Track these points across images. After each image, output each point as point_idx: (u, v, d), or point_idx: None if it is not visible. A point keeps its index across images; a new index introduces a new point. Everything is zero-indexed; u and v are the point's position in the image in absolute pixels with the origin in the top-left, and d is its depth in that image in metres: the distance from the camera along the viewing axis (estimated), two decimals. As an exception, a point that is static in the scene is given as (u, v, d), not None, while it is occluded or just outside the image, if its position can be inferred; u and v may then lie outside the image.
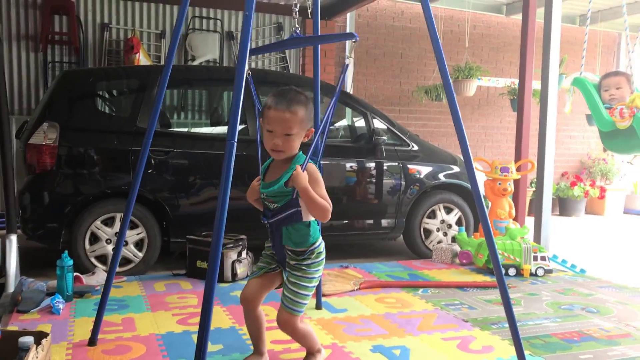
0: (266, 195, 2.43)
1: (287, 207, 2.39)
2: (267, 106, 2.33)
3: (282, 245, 2.45)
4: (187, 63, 7.12)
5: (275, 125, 2.31)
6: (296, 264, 2.44)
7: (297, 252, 2.44)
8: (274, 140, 2.32)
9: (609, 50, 9.87)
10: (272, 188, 2.40)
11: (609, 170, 9.58)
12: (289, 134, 2.32)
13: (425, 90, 7.95)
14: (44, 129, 4.29)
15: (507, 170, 5.22)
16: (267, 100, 2.36)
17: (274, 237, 2.47)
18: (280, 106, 2.31)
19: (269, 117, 2.32)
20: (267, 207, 2.46)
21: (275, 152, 2.36)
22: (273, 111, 2.31)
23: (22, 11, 6.59)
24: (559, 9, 5.22)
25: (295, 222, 2.40)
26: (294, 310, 2.44)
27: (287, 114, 2.30)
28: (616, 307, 3.73)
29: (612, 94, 3.43)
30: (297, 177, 2.31)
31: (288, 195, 2.38)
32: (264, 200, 2.47)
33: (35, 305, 3.42)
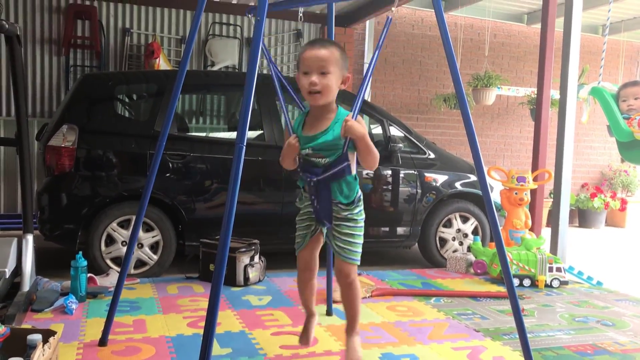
0: (312, 150, 2.36)
1: (339, 161, 2.35)
2: (302, 50, 2.34)
3: (331, 200, 2.41)
4: (206, 68, 7.18)
5: (311, 63, 2.28)
6: (348, 214, 2.44)
7: (348, 204, 2.44)
8: (310, 78, 2.27)
9: (631, 60, 9.76)
10: (322, 139, 2.34)
11: (631, 182, 9.44)
12: (325, 72, 2.28)
13: (444, 98, 7.92)
14: (63, 131, 4.35)
15: (524, 179, 5.17)
16: (302, 47, 2.38)
17: (320, 194, 2.40)
18: (316, 45, 2.31)
19: (305, 57, 2.29)
20: (313, 163, 2.38)
21: (312, 94, 2.30)
22: (308, 51, 2.29)
23: (46, 15, 6.72)
24: (579, 19, 5.18)
25: (346, 175, 2.39)
26: (354, 260, 2.46)
27: (322, 51, 2.28)
28: (632, 321, 3.67)
29: (630, 104, 3.38)
30: (354, 126, 2.27)
31: (339, 148, 2.34)
32: (307, 157, 2.38)
33: (49, 305, 3.46)
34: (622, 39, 9.02)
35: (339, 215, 2.45)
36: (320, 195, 2.41)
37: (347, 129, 2.29)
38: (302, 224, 2.57)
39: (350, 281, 2.50)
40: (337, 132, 2.34)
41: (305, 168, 2.42)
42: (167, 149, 4.25)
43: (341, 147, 2.35)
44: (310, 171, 2.40)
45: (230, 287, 4.19)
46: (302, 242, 2.58)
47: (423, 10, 8.40)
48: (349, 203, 2.44)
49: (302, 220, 2.57)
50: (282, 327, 3.30)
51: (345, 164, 2.37)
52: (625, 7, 7.83)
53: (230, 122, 6.44)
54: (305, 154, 2.40)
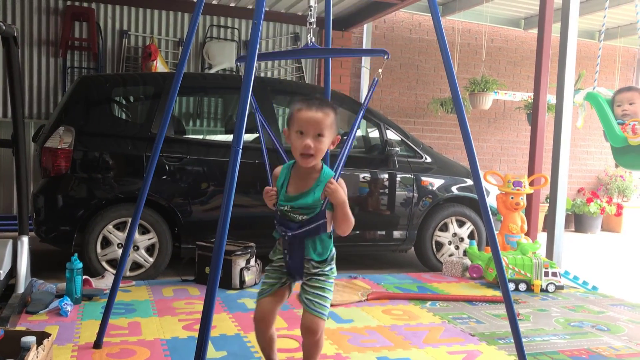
0: (291, 207, 2.34)
1: (315, 219, 2.33)
2: (297, 109, 2.28)
3: (304, 257, 2.38)
4: (204, 71, 7.18)
5: (308, 126, 2.25)
6: (319, 271, 2.40)
7: (320, 262, 2.40)
8: (306, 142, 2.24)
9: (628, 66, 9.80)
10: (303, 200, 2.32)
11: (627, 187, 9.47)
12: (321, 134, 2.26)
13: (441, 102, 7.94)
14: (59, 132, 4.35)
15: (520, 184, 5.18)
16: (294, 106, 2.32)
17: (293, 249, 2.37)
18: (312, 107, 2.27)
19: (301, 118, 2.26)
20: (291, 219, 2.36)
21: (305, 156, 2.27)
22: (305, 112, 2.26)
23: (44, 17, 6.71)
24: (576, 24, 5.20)
25: (321, 233, 2.36)
26: (323, 315, 2.38)
27: (319, 114, 2.26)
28: (627, 326, 3.68)
29: (625, 110, 3.39)
30: (337, 191, 2.26)
31: (317, 207, 2.32)
32: (286, 212, 2.36)
33: (44, 307, 3.45)
34: (618, 44, 9.06)
35: (309, 272, 2.41)
36: (294, 251, 2.38)
37: (330, 193, 2.28)
38: (272, 274, 2.48)
39: (317, 339, 2.41)
40: (317, 196, 2.32)
41: (281, 221, 2.39)
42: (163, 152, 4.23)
43: (319, 206, 2.34)
44: (286, 225, 2.37)
45: (226, 290, 4.18)
46: (269, 290, 2.46)
47: (420, 15, 8.43)
48: (322, 261, 2.40)
49: (274, 270, 2.49)
50: (278, 330, 3.27)
51: (321, 222, 2.35)
52: (621, 13, 7.86)
53: (227, 124, 6.43)
54: (284, 209, 2.37)
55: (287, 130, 2.35)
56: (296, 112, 2.28)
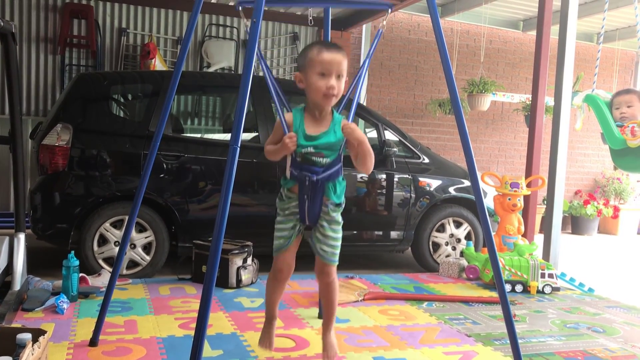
0: (314, 149, 2.39)
1: (336, 162, 2.44)
2: (316, 51, 2.34)
3: (323, 200, 2.45)
4: (202, 70, 7.18)
5: (330, 67, 2.33)
6: (335, 215, 2.50)
7: (337, 205, 2.50)
8: (330, 82, 2.32)
9: (626, 68, 9.81)
10: (325, 140, 2.39)
11: (624, 190, 9.48)
12: (341, 75, 2.35)
13: (439, 103, 7.94)
14: (57, 130, 4.34)
15: (517, 186, 5.19)
16: (311, 48, 2.38)
17: (316, 192, 2.42)
18: (333, 49, 2.36)
19: (323, 59, 2.32)
20: (314, 162, 2.41)
21: (328, 96, 2.35)
22: (327, 53, 2.33)
23: (42, 14, 6.70)
24: (574, 26, 5.21)
25: (340, 175, 2.48)
26: (336, 261, 2.54)
27: (340, 56, 2.36)
28: (623, 328, 3.68)
29: (623, 112, 3.40)
30: (357, 130, 2.38)
31: (337, 149, 2.42)
32: (308, 156, 2.40)
33: (40, 304, 3.44)
34: (616, 47, 9.08)
35: (326, 215, 2.48)
36: (316, 194, 2.43)
37: (350, 132, 2.37)
38: (286, 223, 2.52)
39: (332, 280, 2.58)
40: (339, 134, 2.41)
41: (302, 167, 2.41)
42: (161, 150, 4.25)
43: (338, 149, 2.43)
44: (309, 170, 2.40)
45: (223, 289, 4.18)
46: (287, 242, 2.53)
47: (419, 16, 8.43)
48: (338, 204, 2.50)
49: (287, 220, 2.52)
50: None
51: (339, 165, 2.46)
52: (620, 16, 7.87)
53: (225, 123, 6.43)
54: (306, 152, 2.41)
55: (302, 74, 2.41)
56: (316, 54, 2.35)
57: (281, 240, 2.54)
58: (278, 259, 2.56)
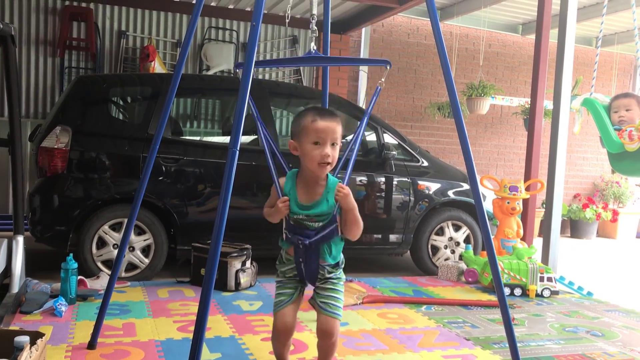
0: (307, 216, 2.37)
1: (329, 224, 2.38)
2: (311, 120, 2.31)
3: (319, 262, 2.41)
4: (201, 73, 7.18)
5: (325, 135, 2.30)
6: (333, 274, 2.46)
7: (334, 265, 2.46)
8: (325, 151, 2.30)
9: (625, 72, 9.83)
10: (319, 209, 2.36)
11: (622, 194, 9.49)
12: (335, 143, 2.33)
13: (438, 106, 7.95)
14: (56, 132, 4.34)
15: (516, 189, 5.19)
16: (305, 116, 2.35)
17: (310, 255, 2.40)
18: (327, 116, 2.33)
19: (317, 127, 2.30)
20: (306, 226, 2.38)
21: (323, 164, 2.32)
22: (321, 121, 2.30)
23: (42, 16, 6.70)
24: (573, 30, 5.22)
25: (335, 237, 2.41)
26: (339, 315, 2.45)
27: (334, 123, 2.33)
28: (622, 332, 3.68)
29: (622, 116, 3.40)
30: (348, 196, 2.33)
31: (330, 213, 2.37)
32: (300, 221, 2.38)
33: (38, 307, 3.44)
34: (615, 51, 9.09)
35: (325, 275, 2.45)
36: (310, 257, 2.41)
37: (342, 197, 2.34)
38: (287, 284, 2.49)
39: (334, 341, 2.46)
40: (331, 202, 2.37)
41: (295, 230, 2.40)
42: (160, 152, 4.24)
43: (332, 212, 2.38)
44: (302, 234, 2.38)
45: (221, 292, 4.18)
46: (287, 300, 2.46)
47: (419, 19, 8.44)
48: (335, 264, 2.46)
49: (288, 281, 2.49)
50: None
51: (334, 225, 2.39)
52: (618, 20, 7.89)
53: (225, 126, 6.43)
54: (298, 218, 2.39)
55: (296, 142, 2.38)
56: (310, 123, 2.32)
57: (282, 297, 2.48)
58: (277, 316, 2.48)
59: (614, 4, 6.97)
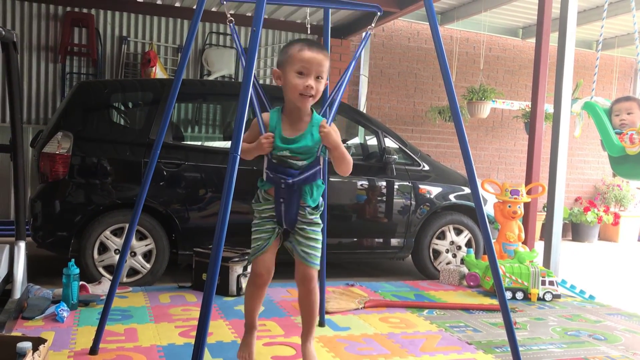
0: (290, 152, 2.35)
1: (313, 165, 2.38)
2: (297, 49, 2.29)
3: (300, 203, 2.41)
4: (202, 78, 7.20)
5: (310, 66, 2.28)
6: (314, 218, 2.45)
7: (314, 208, 2.45)
8: (308, 82, 2.27)
9: (625, 76, 9.83)
10: (302, 143, 2.34)
11: (624, 197, 9.48)
12: (321, 76, 2.30)
13: (439, 110, 7.95)
14: (58, 138, 4.35)
15: (517, 193, 5.19)
16: (292, 45, 2.33)
17: (291, 196, 2.39)
18: (315, 48, 2.31)
19: (303, 57, 2.27)
20: (290, 165, 2.37)
21: (305, 96, 2.30)
22: (308, 51, 2.28)
23: (43, 23, 6.72)
24: (573, 34, 5.23)
25: (317, 178, 2.42)
26: (317, 265, 2.47)
27: (321, 56, 2.31)
28: (624, 335, 3.67)
29: (623, 119, 3.40)
30: (331, 134, 2.32)
31: (315, 152, 2.37)
32: (283, 158, 2.36)
33: (40, 313, 3.44)
34: (615, 54, 9.10)
35: (304, 219, 2.44)
36: (292, 198, 2.40)
37: (324, 136, 2.33)
38: (264, 226, 2.48)
39: (313, 286, 2.51)
40: (316, 137, 2.36)
41: (278, 169, 2.38)
42: (161, 158, 4.25)
43: (316, 151, 2.39)
44: (284, 172, 2.37)
45: (223, 297, 4.17)
46: (265, 245, 2.46)
47: (419, 23, 8.46)
48: (315, 207, 2.46)
49: (264, 222, 2.48)
50: (274, 337, 3.29)
51: (317, 168, 2.41)
52: (618, 23, 7.90)
53: (226, 131, 6.44)
54: (282, 155, 2.37)
55: (280, 70, 2.35)
56: (297, 52, 2.30)
57: (259, 242, 2.47)
58: (257, 262, 2.47)
59: (614, 8, 7.00)
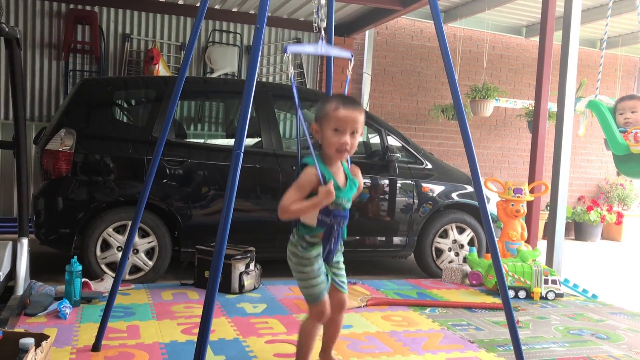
0: (343, 199, 2.50)
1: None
2: (334, 108, 2.37)
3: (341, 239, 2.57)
4: (205, 75, 7.19)
5: (346, 124, 2.36)
6: (342, 251, 2.65)
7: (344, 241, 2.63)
8: (344, 139, 2.36)
9: (629, 74, 9.80)
10: (352, 191, 2.53)
11: (627, 196, 9.46)
12: (356, 132, 2.40)
13: (442, 109, 7.94)
14: (61, 135, 4.35)
15: (520, 191, 5.18)
16: (328, 102, 2.41)
17: (336, 235, 2.51)
18: (350, 105, 2.39)
19: (339, 116, 2.36)
20: (342, 207, 2.50)
21: (341, 152, 2.39)
22: (343, 110, 2.36)
23: (47, 20, 6.72)
24: (577, 32, 5.21)
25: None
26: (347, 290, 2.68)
27: (357, 113, 2.39)
28: (627, 335, 3.67)
29: (627, 118, 3.38)
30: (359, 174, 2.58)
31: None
32: (341, 204, 2.49)
33: (43, 309, 3.45)
34: (619, 53, 9.07)
35: (338, 252, 2.61)
36: (338, 235, 2.53)
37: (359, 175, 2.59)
38: (319, 270, 2.51)
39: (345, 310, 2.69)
40: (356, 183, 2.55)
41: (334, 213, 2.46)
42: (164, 155, 4.25)
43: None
44: (340, 215, 2.48)
45: (225, 294, 4.18)
46: (325, 288, 2.53)
47: (422, 22, 8.44)
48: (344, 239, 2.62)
49: (318, 265, 2.51)
50: (277, 335, 3.29)
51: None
52: (622, 22, 7.87)
53: (229, 129, 6.44)
54: (339, 202, 2.47)
55: (318, 125, 2.44)
56: (333, 110, 2.38)
57: (321, 285, 2.51)
58: (324, 304, 2.52)
59: (619, 6, 6.97)
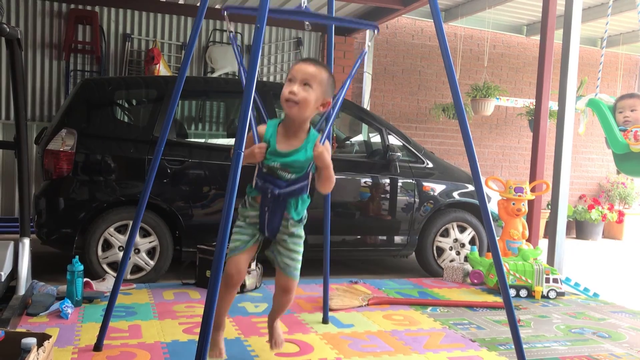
0: (281, 165, 2.39)
1: (302, 179, 2.43)
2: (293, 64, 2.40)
3: (284, 215, 2.45)
4: (206, 75, 7.20)
5: (296, 73, 2.33)
6: (295, 230, 2.51)
7: (298, 221, 2.50)
8: (292, 87, 2.31)
9: (630, 73, 9.80)
10: (294, 158, 2.39)
11: (628, 195, 9.45)
12: (308, 83, 2.33)
13: (443, 108, 7.94)
14: (62, 135, 4.35)
15: (522, 190, 5.18)
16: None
17: (276, 206, 2.43)
18: (307, 60, 2.39)
19: (292, 68, 2.35)
20: (279, 176, 2.41)
21: (289, 102, 2.33)
22: (298, 64, 2.36)
23: (47, 20, 6.73)
24: (578, 31, 5.21)
25: (304, 193, 2.47)
26: (297, 276, 2.55)
27: (310, 67, 2.36)
28: (629, 333, 3.67)
29: (627, 116, 3.39)
30: (324, 154, 2.38)
31: (305, 167, 2.42)
32: (274, 169, 2.40)
33: (45, 309, 3.45)
34: (620, 51, 9.07)
35: (286, 230, 2.49)
36: (276, 208, 2.44)
37: (317, 155, 2.38)
38: (246, 229, 2.50)
39: (291, 297, 2.62)
40: (309, 153, 2.40)
41: (266, 178, 2.42)
42: (165, 155, 4.26)
43: (307, 167, 2.44)
44: (272, 182, 2.41)
45: (227, 294, 4.17)
46: (243, 247, 2.48)
47: (423, 21, 8.44)
48: (299, 220, 2.50)
49: (247, 226, 2.50)
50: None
51: (305, 182, 2.46)
52: (623, 20, 7.87)
53: (229, 128, 6.44)
54: (272, 165, 2.41)
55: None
56: (292, 65, 2.40)
57: (237, 243, 2.49)
58: (230, 262, 2.48)
59: (619, 4, 6.97)
